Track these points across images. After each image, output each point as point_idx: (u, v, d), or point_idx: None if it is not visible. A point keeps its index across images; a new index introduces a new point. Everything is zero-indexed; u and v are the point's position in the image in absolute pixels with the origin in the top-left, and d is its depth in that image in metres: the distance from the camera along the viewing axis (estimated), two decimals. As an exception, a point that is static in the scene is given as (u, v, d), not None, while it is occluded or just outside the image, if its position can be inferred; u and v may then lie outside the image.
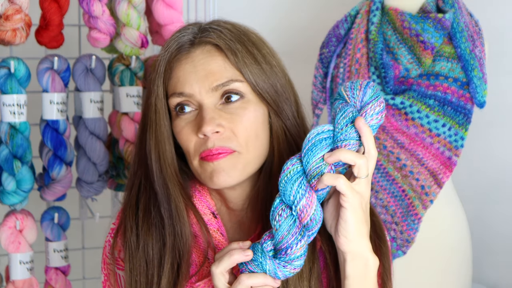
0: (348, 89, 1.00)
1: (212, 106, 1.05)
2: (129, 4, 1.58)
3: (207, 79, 1.05)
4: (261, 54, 1.09)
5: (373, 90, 1.00)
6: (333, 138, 0.98)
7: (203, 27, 1.10)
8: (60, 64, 1.57)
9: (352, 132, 0.97)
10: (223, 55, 1.07)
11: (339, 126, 0.98)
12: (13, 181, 1.51)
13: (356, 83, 1.00)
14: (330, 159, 0.96)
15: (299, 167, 0.98)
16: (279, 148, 1.10)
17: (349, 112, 0.98)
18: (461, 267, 1.74)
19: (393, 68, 1.65)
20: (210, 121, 1.03)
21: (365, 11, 1.73)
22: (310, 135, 0.98)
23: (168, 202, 1.08)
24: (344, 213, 0.97)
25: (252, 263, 0.98)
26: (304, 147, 0.98)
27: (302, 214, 0.96)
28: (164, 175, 1.09)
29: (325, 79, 1.78)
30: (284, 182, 0.97)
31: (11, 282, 1.59)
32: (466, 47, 1.63)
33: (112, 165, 1.70)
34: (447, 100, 1.63)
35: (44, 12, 1.53)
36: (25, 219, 1.58)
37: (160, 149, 1.08)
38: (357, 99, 0.99)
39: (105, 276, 1.16)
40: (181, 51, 1.08)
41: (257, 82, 1.07)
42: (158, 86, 1.08)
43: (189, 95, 1.06)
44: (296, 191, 0.96)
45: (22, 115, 1.52)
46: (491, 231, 2.15)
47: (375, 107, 0.98)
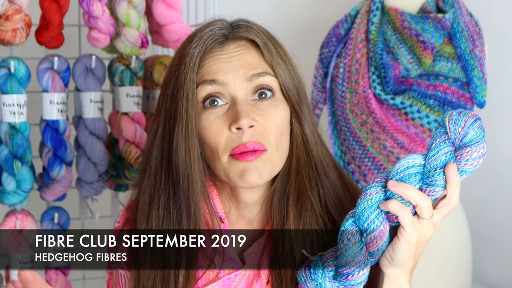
0: (452, 122, 0.95)
1: (245, 100, 1.05)
2: (129, 4, 1.58)
3: (242, 69, 1.06)
4: (286, 57, 1.11)
5: (477, 133, 0.94)
6: (422, 175, 0.95)
7: (234, 23, 1.12)
8: (60, 64, 1.57)
9: (441, 179, 0.94)
10: (259, 51, 1.08)
11: (430, 166, 0.95)
12: (13, 181, 1.51)
13: (462, 118, 0.95)
14: (394, 190, 0.95)
15: (382, 196, 0.96)
16: (297, 151, 1.10)
17: (444, 153, 0.94)
18: (461, 267, 1.74)
19: (393, 68, 1.65)
20: (247, 114, 1.03)
21: (365, 11, 1.73)
22: (400, 166, 0.95)
23: (187, 200, 1.07)
24: (396, 244, 0.97)
25: (312, 282, 0.97)
26: (391, 177, 0.95)
27: (372, 243, 0.95)
28: (189, 172, 1.06)
29: (325, 79, 1.78)
30: (364, 207, 0.95)
31: (11, 282, 1.59)
32: (466, 47, 1.63)
33: (112, 165, 1.70)
34: (447, 100, 1.63)
35: (44, 12, 1.53)
36: (25, 219, 1.58)
37: (190, 144, 1.06)
38: (458, 136, 0.95)
39: (109, 274, 1.16)
40: (215, 44, 1.08)
41: (286, 82, 1.08)
42: (191, 80, 1.06)
43: (222, 83, 1.05)
44: (372, 221, 0.95)
45: (22, 115, 1.52)
46: (491, 231, 2.15)
47: (473, 153, 0.94)
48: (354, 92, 1.69)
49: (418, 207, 0.95)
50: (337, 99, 1.72)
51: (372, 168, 1.69)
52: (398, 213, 0.94)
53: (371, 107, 1.66)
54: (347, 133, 1.70)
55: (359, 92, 1.67)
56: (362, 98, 1.67)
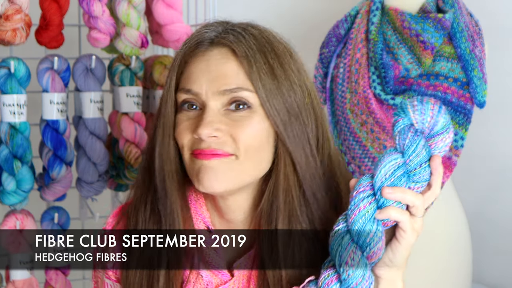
0: (418, 112, 0.93)
1: (216, 109, 1.02)
2: (129, 4, 1.58)
3: (216, 81, 1.02)
4: (282, 68, 1.04)
5: (446, 119, 0.93)
6: (407, 173, 0.93)
7: (228, 28, 1.07)
8: (60, 64, 1.57)
9: (426, 173, 0.93)
10: (238, 61, 1.03)
11: (413, 163, 0.92)
12: (13, 181, 1.51)
13: (427, 106, 0.93)
14: (391, 196, 0.93)
15: (375, 205, 0.93)
16: (285, 171, 1.04)
17: (423, 146, 0.92)
18: (461, 267, 1.73)
19: (393, 68, 1.65)
20: (208, 124, 1.00)
21: (365, 11, 1.73)
22: (386, 170, 0.92)
23: (164, 200, 1.05)
24: (397, 247, 0.96)
25: None
26: (381, 184, 0.93)
27: (374, 255, 0.94)
28: (165, 172, 1.05)
29: (325, 79, 1.78)
30: (362, 222, 0.92)
31: (11, 282, 1.59)
32: (466, 47, 1.63)
33: (112, 165, 1.70)
34: (447, 100, 1.63)
35: (44, 12, 1.53)
36: (25, 219, 1.58)
37: (165, 143, 1.05)
38: (427, 126, 0.93)
39: (94, 284, 1.14)
40: (199, 48, 1.05)
41: (268, 98, 1.02)
42: (171, 79, 1.06)
43: (195, 94, 1.03)
44: (375, 234, 0.92)
45: (22, 115, 1.52)
46: (491, 231, 2.15)
47: (446, 139, 0.93)
48: (354, 92, 1.69)
49: (415, 207, 0.94)
50: (337, 99, 1.72)
51: (372, 168, 1.69)
52: (399, 219, 0.93)
53: (371, 107, 1.66)
54: (347, 133, 1.70)
55: (359, 92, 1.67)
56: (362, 98, 1.67)
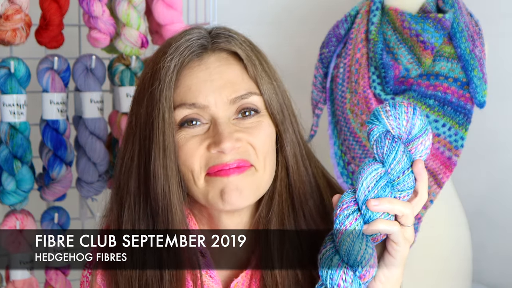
0: (393, 117, 0.88)
1: (228, 120, 0.96)
2: (129, 4, 1.58)
3: (224, 90, 0.96)
4: (271, 70, 1.01)
5: (422, 121, 0.88)
6: (390, 183, 0.88)
7: (214, 32, 1.01)
8: (60, 64, 1.57)
9: (411, 180, 0.88)
10: (241, 64, 0.98)
11: (396, 171, 0.88)
12: (13, 181, 1.52)
13: (400, 110, 0.88)
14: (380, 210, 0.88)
15: (361, 221, 0.87)
16: (281, 174, 1.01)
17: (403, 153, 0.87)
18: (461, 267, 1.73)
19: (393, 68, 1.65)
20: (229, 136, 0.93)
21: (365, 11, 1.73)
22: (368, 182, 0.87)
23: (166, 223, 0.97)
24: (391, 261, 0.90)
25: None
26: (365, 197, 0.87)
27: (366, 275, 0.87)
28: (168, 201, 0.96)
29: (325, 79, 1.78)
30: (350, 241, 0.86)
31: (11, 282, 1.59)
32: (466, 47, 1.63)
33: (112, 165, 1.70)
34: (447, 100, 1.63)
35: (44, 12, 1.53)
36: (25, 219, 1.58)
37: (168, 169, 0.96)
38: (404, 130, 0.89)
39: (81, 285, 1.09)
40: (193, 57, 0.98)
41: (271, 99, 0.99)
42: (167, 98, 0.95)
43: (202, 107, 0.95)
44: (365, 251, 0.86)
45: (22, 115, 1.52)
46: (491, 231, 2.15)
47: (425, 141, 0.88)
48: (354, 92, 1.69)
49: (404, 216, 0.88)
50: (337, 99, 1.72)
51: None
52: (389, 231, 0.87)
53: (371, 107, 1.66)
54: (347, 133, 1.70)
55: (359, 92, 1.67)
56: (362, 98, 1.67)
